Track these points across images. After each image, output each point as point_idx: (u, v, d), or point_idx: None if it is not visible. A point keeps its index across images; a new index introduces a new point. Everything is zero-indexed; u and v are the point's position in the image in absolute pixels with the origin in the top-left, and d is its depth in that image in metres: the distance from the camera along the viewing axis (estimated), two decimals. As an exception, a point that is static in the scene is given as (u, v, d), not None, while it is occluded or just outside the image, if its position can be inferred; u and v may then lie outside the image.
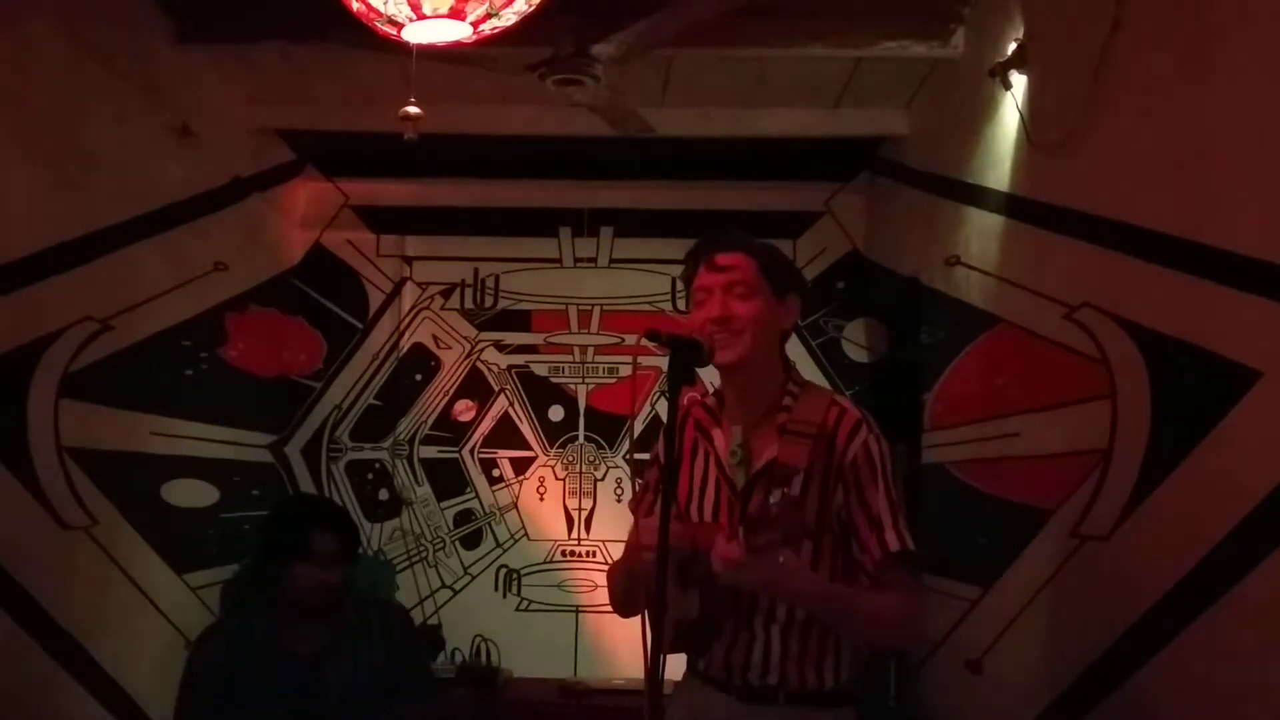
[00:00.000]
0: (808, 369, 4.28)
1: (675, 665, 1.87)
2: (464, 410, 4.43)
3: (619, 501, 4.30)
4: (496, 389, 4.43)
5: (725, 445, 1.82)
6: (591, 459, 4.38)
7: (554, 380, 4.44)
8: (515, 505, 4.37)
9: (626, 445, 4.32)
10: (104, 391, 2.91)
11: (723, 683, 1.80)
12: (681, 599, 1.73)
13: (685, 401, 1.87)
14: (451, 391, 4.43)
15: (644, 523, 1.73)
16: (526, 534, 4.34)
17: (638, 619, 1.44)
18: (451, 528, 4.36)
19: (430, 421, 4.42)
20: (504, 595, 4.30)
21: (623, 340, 4.39)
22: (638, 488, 1.95)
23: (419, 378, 4.44)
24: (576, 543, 4.33)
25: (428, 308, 4.47)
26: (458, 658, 4.05)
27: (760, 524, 1.55)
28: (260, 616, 2.53)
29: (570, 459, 4.39)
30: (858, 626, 1.77)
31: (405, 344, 4.45)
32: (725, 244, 1.81)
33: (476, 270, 4.49)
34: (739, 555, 1.54)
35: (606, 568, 3.33)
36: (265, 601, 2.54)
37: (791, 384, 1.84)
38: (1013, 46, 2.70)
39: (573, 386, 4.44)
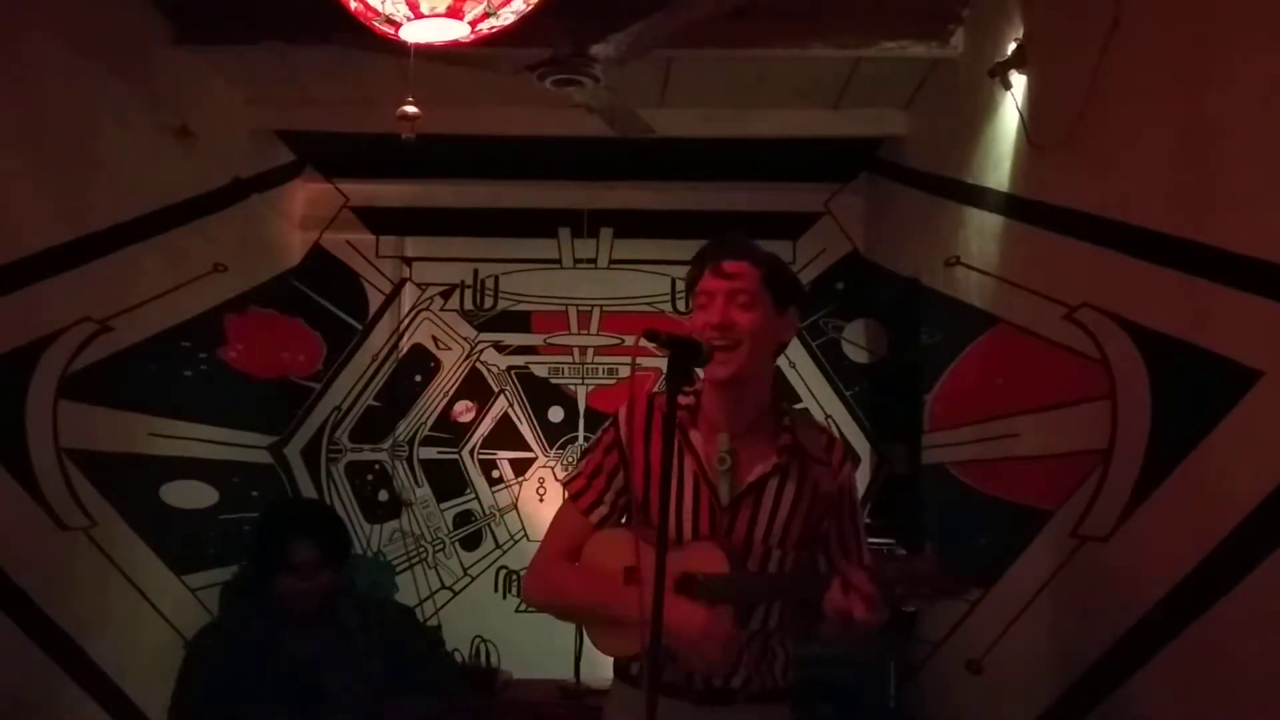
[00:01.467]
0: (808, 369, 4.29)
1: (606, 669, 1.89)
2: (463, 411, 4.43)
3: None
4: (496, 390, 4.44)
5: (711, 450, 1.81)
6: (591, 460, 4.37)
7: (554, 381, 4.44)
8: (515, 506, 4.38)
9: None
10: (103, 392, 2.91)
11: (680, 688, 1.78)
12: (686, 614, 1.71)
13: (649, 399, 1.87)
14: (451, 392, 4.43)
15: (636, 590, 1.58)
16: (526, 535, 4.34)
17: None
18: (451, 529, 4.36)
19: (430, 422, 4.42)
20: (504, 596, 4.30)
21: (622, 341, 4.39)
22: (577, 468, 1.95)
23: (418, 379, 4.44)
24: (576, 544, 4.32)
25: (427, 309, 4.47)
26: (457, 659, 4.04)
27: (914, 580, 1.58)
28: (258, 618, 2.52)
29: (570, 460, 4.38)
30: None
31: (405, 345, 4.45)
32: (733, 251, 1.81)
33: (476, 271, 4.49)
34: (865, 613, 1.57)
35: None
36: (263, 603, 2.54)
37: (783, 402, 1.90)
38: (1012, 46, 2.69)
39: (572, 387, 4.44)
